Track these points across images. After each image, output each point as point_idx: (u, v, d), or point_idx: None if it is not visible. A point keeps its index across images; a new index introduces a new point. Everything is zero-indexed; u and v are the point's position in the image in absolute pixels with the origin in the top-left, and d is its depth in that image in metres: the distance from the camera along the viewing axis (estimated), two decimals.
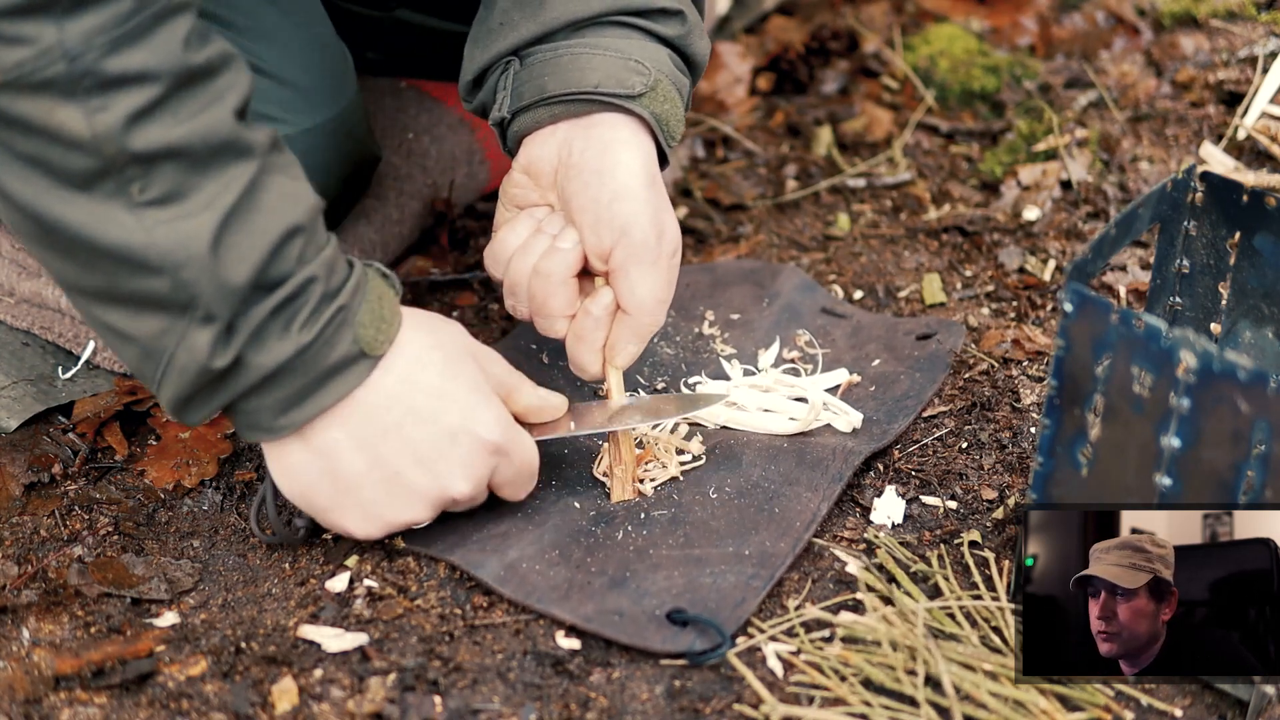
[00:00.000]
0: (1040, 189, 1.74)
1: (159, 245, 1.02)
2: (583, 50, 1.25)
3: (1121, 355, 1.03)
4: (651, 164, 1.25)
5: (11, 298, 1.46)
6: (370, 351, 1.11)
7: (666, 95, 1.26)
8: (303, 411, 1.10)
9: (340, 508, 1.15)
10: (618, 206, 1.22)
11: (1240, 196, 1.19)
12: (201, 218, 1.03)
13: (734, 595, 1.16)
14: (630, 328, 1.25)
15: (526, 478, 1.21)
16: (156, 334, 1.05)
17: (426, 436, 1.13)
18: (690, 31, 1.30)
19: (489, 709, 1.10)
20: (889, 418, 1.36)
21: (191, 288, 1.03)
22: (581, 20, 1.26)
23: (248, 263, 1.04)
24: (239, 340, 1.06)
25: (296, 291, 1.07)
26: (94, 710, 1.10)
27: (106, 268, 1.03)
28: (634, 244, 1.23)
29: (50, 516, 1.29)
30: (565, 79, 1.24)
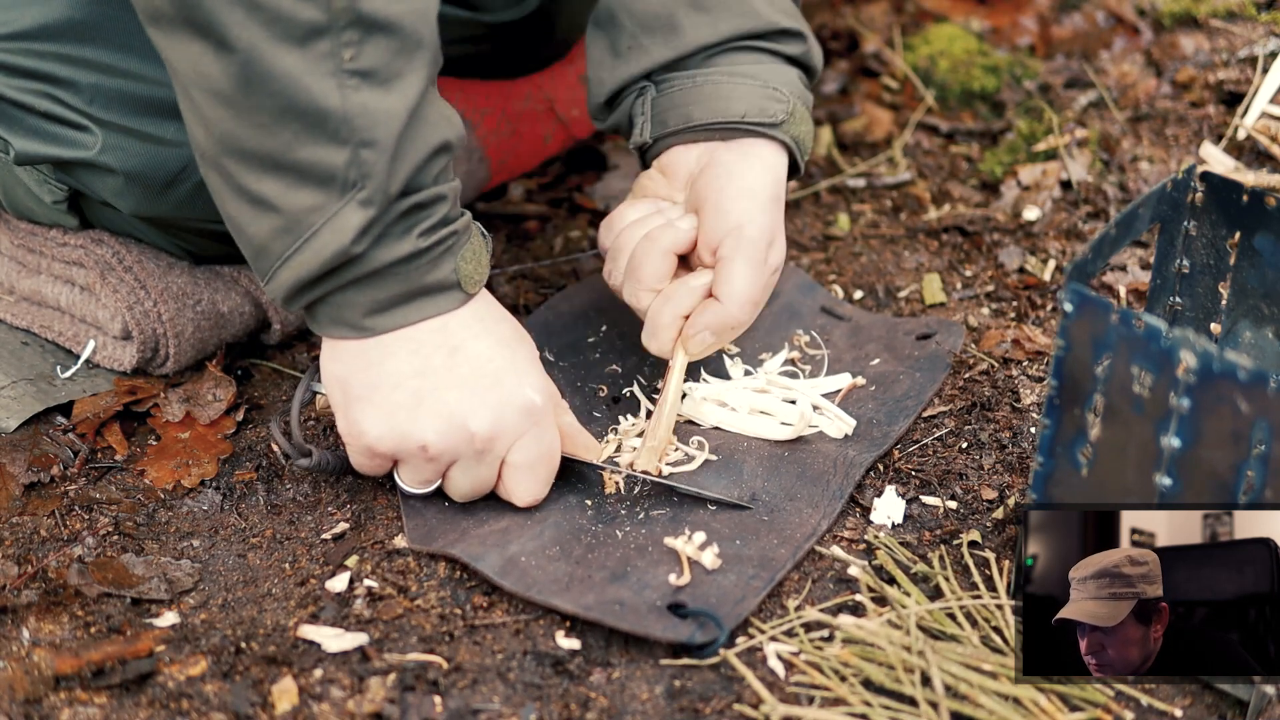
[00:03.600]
0: (1040, 189, 1.74)
1: (353, 118, 1.06)
2: (722, 79, 1.30)
3: (1121, 355, 1.03)
4: (780, 185, 1.31)
5: (11, 296, 1.46)
6: (465, 286, 1.16)
7: (801, 117, 1.32)
8: (389, 319, 1.14)
9: (367, 401, 1.17)
10: (740, 202, 1.27)
11: (1240, 196, 1.19)
12: (395, 104, 1.07)
13: (734, 592, 1.16)
14: (715, 314, 1.28)
15: (543, 472, 1.22)
16: (308, 209, 1.09)
17: (473, 368, 1.17)
18: (810, 48, 1.36)
19: (489, 709, 1.10)
20: (889, 418, 1.36)
21: (366, 167, 1.07)
22: (713, 45, 1.31)
23: (409, 162, 1.09)
24: (375, 230, 1.10)
25: (427, 202, 1.12)
26: (94, 710, 1.10)
27: (291, 129, 1.06)
28: (744, 239, 1.27)
29: (50, 516, 1.29)
30: (711, 108, 1.30)
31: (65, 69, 1.27)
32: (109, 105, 1.27)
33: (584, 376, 1.41)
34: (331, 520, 1.28)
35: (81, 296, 1.41)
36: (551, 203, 1.77)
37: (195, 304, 1.41)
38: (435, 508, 1.25)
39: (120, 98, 1.27)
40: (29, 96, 1.28)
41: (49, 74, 1.27)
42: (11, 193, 1.41)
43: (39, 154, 1.30)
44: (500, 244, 1.69)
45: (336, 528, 1.27)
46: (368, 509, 1.29)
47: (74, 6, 1.25)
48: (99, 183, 1.32)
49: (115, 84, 1.27)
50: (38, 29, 1.26)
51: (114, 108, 1.27)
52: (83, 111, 1.28)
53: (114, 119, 1.28)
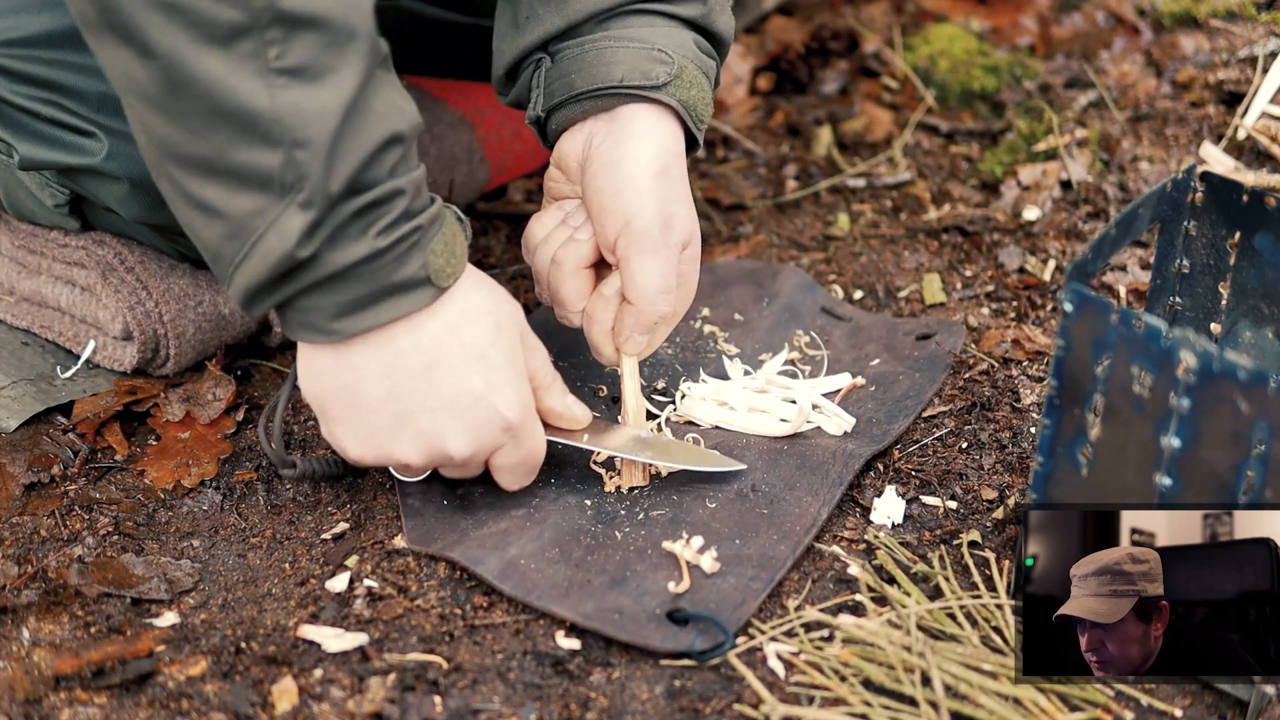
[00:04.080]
0: (1040, 189, 1.74)
1: (283, 118, 1.03)
2: (607, 44, 1.26)
3: (1121, 355, 1.03)
4: (666, 153, 1.26)
5: (11, 296, 1.46)
6: (436, 280, 1.12)
7: (693, 80, 1.27)
8: (357, 321, 1.11)
9: (347, 423, 1.16)
10: (621, 198, 1.24)
11: (1240, 196, 1.19)
12: (327, 100, 1.04)
13: (734, 596, 1.16)
14: (634, 316, 1.26)
15: (526, 470, 1.22)
16: (250, 213, 1.06)
17: (448, 390, 1.15)
18: (711, 10, 1.31)
19: (489, 709, 1.10)
20: (889, 418, 1.36)
21: (302, 168, 1.04)
22: (604, 11, 1.28)
23: (351, 160, 1.06)
24: (323, 233, 1.07)
25: (382, 199, 1.08)
26: (94, 710, 1.10)
27: (222, 133, 1.04)
28: (634, 233, 1.24)
29: (50, 516, 1.29)
30: (591, 75, 1.26)
31: (71, 76, 1.26)
32: (115, 112, 1.27)
33: (584, 376, 1.41)
34: (331, 520, 1.28)
35: (82, 297, 1.41)
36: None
37: (196, 305, 1.41)
38: (434, 508, 1.25)
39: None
40: (35, 103, 1.28)
41: (55, 81, 1.27)
42: (13, 194, 1.41)
43: (44, 160, 1.30)
44: (500, 244, 1.69)
45: (336, 528, 1.27)
46: (368, 509, 1.29)
47: None
48: (103, 189, 1.32)
49: None
50: (44, 36, 1.26)
51: (119, 115, 1.27)
52: (88, 118, 1.28)
53: (120, 126, 1.27)
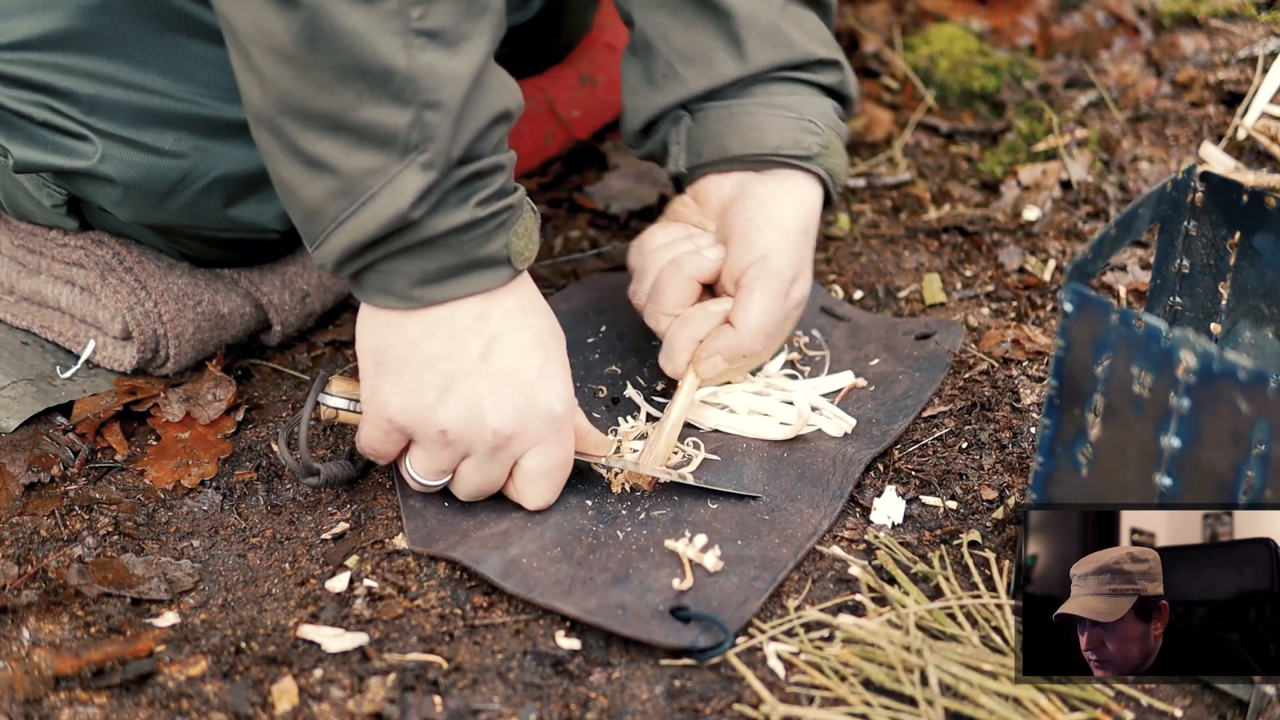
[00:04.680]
0: (1040, 189, 1.74)
1: (418, 78, 1.04)
2: (757, 110, 1.31)
3: (1121, 355, 1.03)
4: (811, 218, 1.32)
5: (11, 296, 1.46)
6: (514, 262, 1.14)
7: (836, 149, 1.33)
8: (438, 291, 1.12)
9: (397, 377, 1.16)
10: (768, 235, 1.29)
11: (1240, 196, 1.19)
12: (461, 66, 1.05)
13: (736, 595, 1.16)
14: (728, 340, 1.29)
15: (557, 479, 1.22)
16: (366, 171, 1.06)
17: (505, 365, 1.16)
18: (846, 79, 1.36)
19: (489, 709, 1.10)
20: (888, 418, 1.36)
21: (430, 129, 1.05)
22: (749, 76, 1.32)
23: (472, 128, 1.07)
24: (434, 197, 1.07)
25: (486, 171, 1.10)
26: (94, 710, 1.10)
27: (353, 89, 1.04)
28: (767, 270, 1.28)
29: (50, 516, 1.29)
30: (745, 139, 1.30)
31: (64, 79, 1.26)
32: (108, 116, 1.27)
33: (583, 377, 1.41)
34: (331, 520, 1.28)
35: (82, 297, 1.41)
36: (552, 203, 1.77)
37: (196, 305, 1.41)
38: (435, 509, 1.25)
39: (119, 108, 1.27)
40: (28, 106, 1.28)
41: (48, 84, 1.27)
42: (11, 195, 1.41)
43: (38, 162, 1.30)
44: None
45: (336, 528, 1.27)
46: (368, 509, 1.29)
47: (73, 16, 1.25)
48: (98, 192, 1.32)
49: (114, 94, 1.27)
50: (37, 39, 1.26)
51: (113, 118, 1.27)
52: (82, 122, 1.27)
53: (113, 129, 1.27)
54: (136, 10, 1.25)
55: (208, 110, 1.29)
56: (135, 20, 1.26)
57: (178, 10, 1.26)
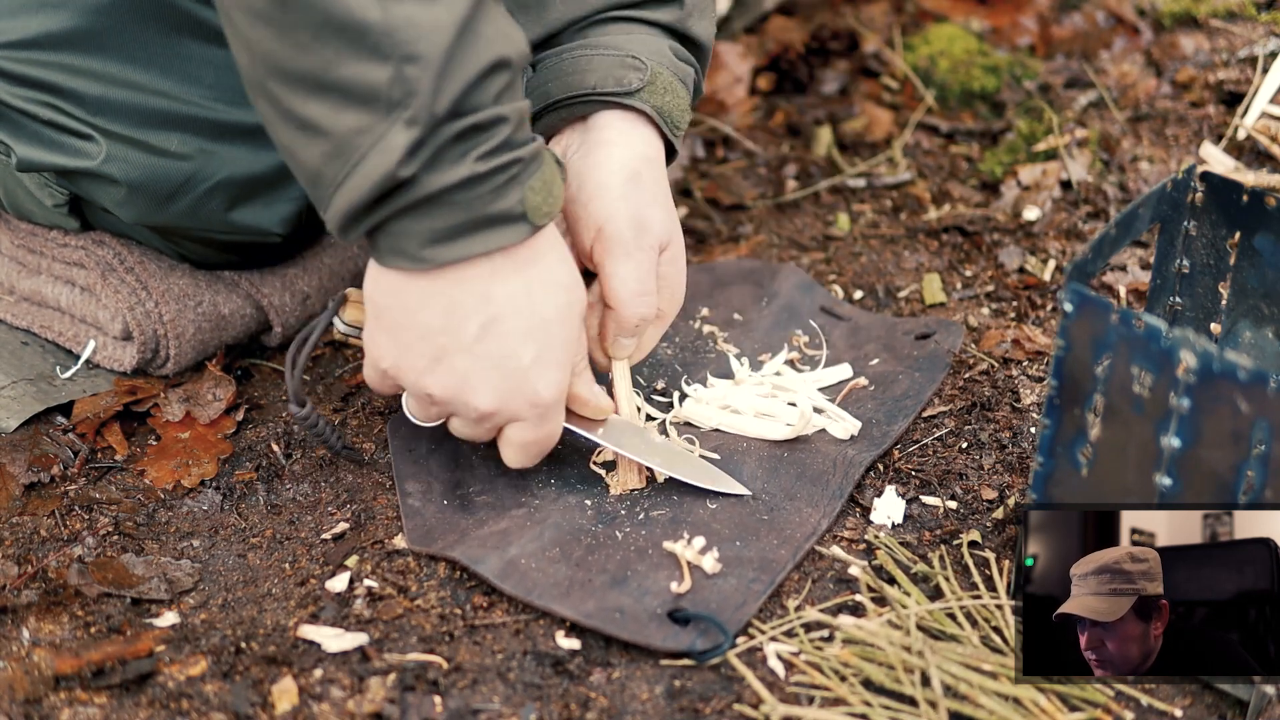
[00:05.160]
0: (1040, 189, 1.74)
1: (395, 30, 1.01)
2: (582, 52, 1.26)
3: (1121, 355, 1.03)
4: (637, 158, 1.26)
5: (11, 296, 1.46)
6: (532, 217, 1.10)
7: (667, 86, 1.27)
8: (450, 250, 1.09)
9: (392, 335, 1.15)
10: (592, 206, 1.24)
11: (1240, 196, 1.19)
12: (441, 15, 1.02)
13: (735, 597, 1.16)
14: (615, 321, 1.26)
15: (536, 452, 1.22)
16: (355, 130, 1.04)
17: (499, 348, 1.14)
18: (689, 15, 1.30)
19: (489, 709, 1.10)
20: (888, 418, 1.36)
21: (411, 84, 1.02)
22: (581, 19, 1.28)
23: (459, 80, 1.04)
24: (425, 154, 1.05)
25: (484, 124, 1.06)
26: (94, 710, 1.10)
27: (331, 46, 1.01)
28: (607, 238, 1.24)
29: (50, 516, 1.29)
30: (566, 83, 1.26)
31: (69, 79, 1.26)
32: (113, 116, 1.27)
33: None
34: (331, 520, 1.28)
35: (82, 297, 1.41)
36: None
37: (196, 305, 1.41)
38: (434, 507, 1.26)
39: (124, 109, 1.27)
40: (32, 105, 1.28)
41: (53, 84, 1.27)
42: (12, 194, 1.41)
43: (41, 162, 1.30)
44: None
45: (336, 528, 1.27)
46: (368, 509, 1.29)
47: (79, 16, 1.25)
48: (101, 192, 1.32)
49: (119, 95, 1.27)
50: (43, 38, 1.26)
51: (118, 119, 1.27)
52: (87, 122, 1.27)
53: (118, 130, 1.27)
54: (143, 12, 1.25)
55: (212, 113, 1.29)
56: (141, 22, 1.26)
57: (184, 12, 1.26)
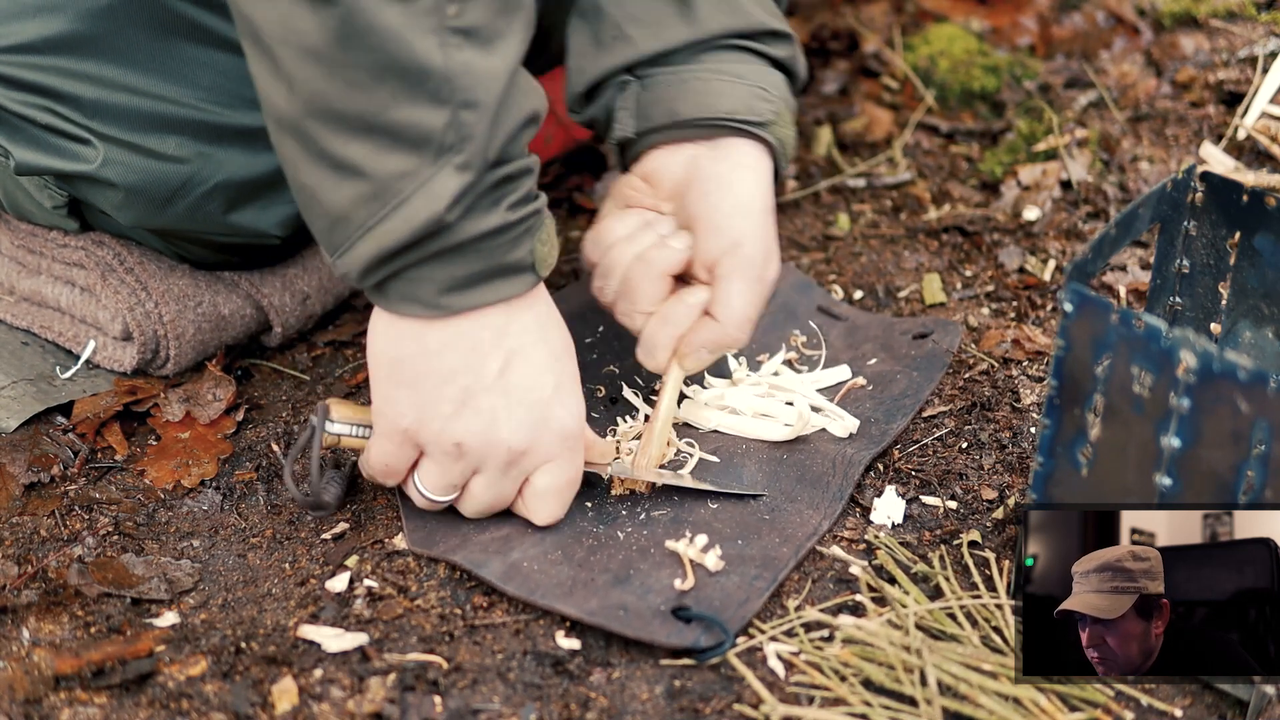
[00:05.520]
0: (1040, 189, 1.74)
1: (455, 77, 1.02)
2: (709, 76, 1.27)
3: (1121, 355, 1.03)
4: (770, 194, 1.28)
5: (11, 296, 1.46)
6: (538, 268, 1.13)
7: (786, 121, 1.30)
8: (465, 298, 1.10)
9: (413, 389, 1.14)
10: (736, 220, 1.25)
11: (1240, 196, 1.19)
12: (497, 64, 1.03)
13: (738, 595, 1.16)
14: (712, 334, 1.26)
15: (566, 497, 1.21)
16: (399, 174, 1.04)
17: (523, 381, 1.14)
18: (796, 54, 1.33)
19: (489, 709, 1.10)
20: (887, 417, 1.36)
21: (466, 129, 1.03)
22: (700, 42, 1.28)
23: (507, 128, 1.05)
24: (469, 199, 1.05)
25: (517, 174, 1.08)
26: (94, 710, 1.10)
27: (388, 88, 1.02)
28: (743, 257, 1.25)
29: (50, 516, 1.29)
30: (698, 103, 1.26)
31: (67, 83, 1.26)
32: (111, 120, 1.27)
33: (581, 377, 1.41)
34: (331, 520, 1.28)
35: (82, 297, 1.41)
36: (552, 203, 1.76)
37: (196, 306, 1.41)
38: (435, 511, 1.25)
39: (122, 113, 1.27)
40: (30, 109, 1.27)
41: (51, 88, 1.27)
42: (11, 195, 1.41)
43: (39, 165, 1.30)
44: None
45: (336, 528, 1.27)
46: (368, 509, 1.29)
47: (77, 21, 1.25)
48: (99, 195, 1.32)
49: (117, 99, 1.26)
50: (41, 42, 1.26)
51: (116, 122, 1.27)
52: (84, 125, 1.27)
53: (116, 134, 1.27)
54: (140, 15, 1.25)
55: (210, 116, 1.29)
56: (139, 25, 1.26)
57: (181, 16, 1.26)
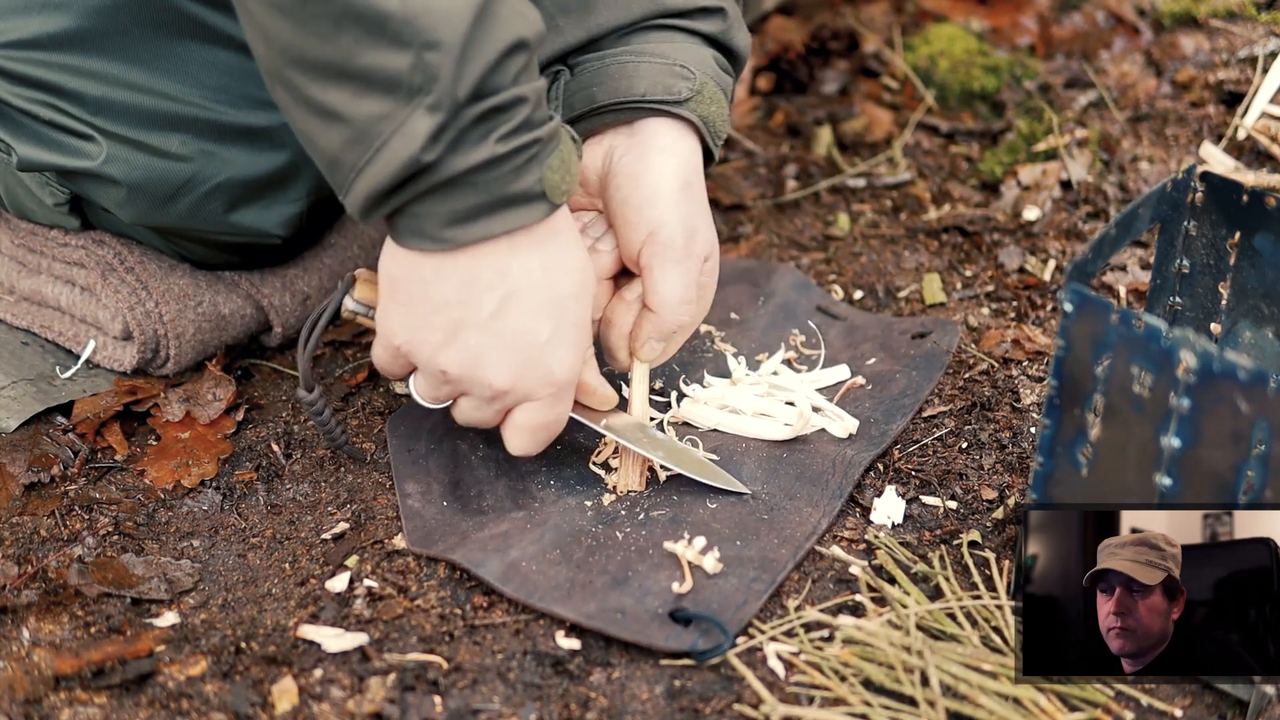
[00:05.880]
0: (1040, 189, 1.75)
1: (414, 18, 1.02)
2: (629, 59, 1.27)
3: (1121, 355, 1.03)
4: (688, 168, 1.27)
5: (11, 296, 1.46)
6: (551, 196, 1.12)
7: (712, 97, 1.28)
8: (471, 230, 1.10)
9: (407, 309, 1.15)
10: (647, 210, 1.25)
11: (1240, 196, 1.19)
12: (457, 1, 1.03)
13: (736, 597, 1.16)
14: (653, 323, 1.27)
15: (544, 437, 1.22)
16: (376, 117, 1.05)
17: (515, 324, 1.15)
18: (731, 26, 1.32)
19: (489, 709, 1.10)
20: (886, 417, 1.36)
21: (432, 70, 1.03)
22: (626, 25, 1.28)
23: (479, 63, 1.05)
24: (448, 137, 1.06)
25: (504, 105, 1.07)
26: (94, 710, 1.10)
27: (350, 35, 1.02)
28: (659, 243, 1.25)
29: (50, 516, 1.29)
30: (613, 88, 1.26)
31: (71, 80, 1.26)
32: (114, 117, 1.27)
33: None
34: (331, 520, 1.28)
35: (82, 297, 1.41)
36: None
37: (196, 305, 1.41)
38: (434, 509, 1.26)
39: (125, 110, 1.27)
40: (34, 105, 1.28)
41: (55, 84, 1.27)
42: (12, 193, 1.41)
43: (42, 161, 1.30)
44: None
45: (336, 528, 1.27)
46: (368, 509, 1.29)
47: (82, 17, 1.25)
48: (102, 192, 1.32)
49: (120, 96, 1.27)
50: (45, 38, 1.26)
51: (119, 120, 1.27)
52: (88, 122, 1.27)
53: (119, 131, 1.27)
54: (145, 13, 1.25)
55: (213, 114, 1.29)
56: (143, 23, 1.26)
57: (186, 14, 1.26)
